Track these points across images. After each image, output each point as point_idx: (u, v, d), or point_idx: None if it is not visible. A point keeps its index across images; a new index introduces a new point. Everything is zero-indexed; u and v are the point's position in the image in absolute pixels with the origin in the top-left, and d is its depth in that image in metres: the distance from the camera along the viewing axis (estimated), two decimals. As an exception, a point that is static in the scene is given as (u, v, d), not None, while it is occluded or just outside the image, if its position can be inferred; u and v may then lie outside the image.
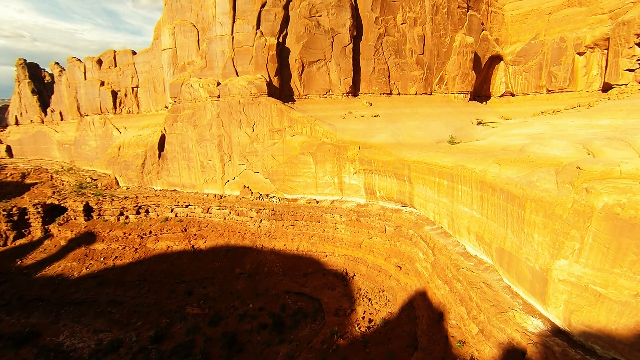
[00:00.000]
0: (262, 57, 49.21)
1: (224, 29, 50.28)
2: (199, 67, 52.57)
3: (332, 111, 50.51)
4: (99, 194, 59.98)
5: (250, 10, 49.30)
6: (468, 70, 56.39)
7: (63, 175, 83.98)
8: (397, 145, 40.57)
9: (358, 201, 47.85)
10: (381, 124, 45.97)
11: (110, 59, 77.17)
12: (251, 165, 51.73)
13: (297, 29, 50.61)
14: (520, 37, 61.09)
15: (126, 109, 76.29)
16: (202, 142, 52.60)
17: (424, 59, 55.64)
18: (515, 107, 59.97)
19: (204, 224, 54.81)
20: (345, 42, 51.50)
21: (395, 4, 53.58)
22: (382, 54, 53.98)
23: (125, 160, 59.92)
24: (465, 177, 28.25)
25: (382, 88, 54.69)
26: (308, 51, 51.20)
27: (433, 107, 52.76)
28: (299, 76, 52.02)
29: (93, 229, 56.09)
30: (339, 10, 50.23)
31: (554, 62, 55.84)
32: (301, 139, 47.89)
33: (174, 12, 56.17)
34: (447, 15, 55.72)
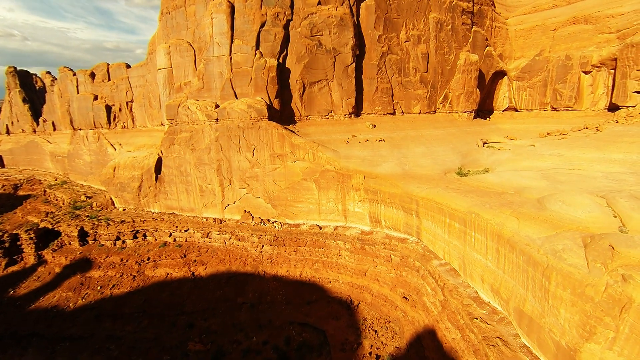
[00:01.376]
0: (261, 79, 47.39)
1: (222, 50, 48.29)
2: (196, 88, 50.60)
3: (335, 134, 48.96)
4: (94, 217, 58.08)
5: (249, 30, 47.34)
6: (472, 88, 55.02)
7: (57, 191, 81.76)
8: (403, 176, 39.22)
9: (362, 228, 46.59)
10: (386, 150, 44.56)
11: (103, 72, 74.69)
12: (252, 190, 50.16)
13: (298, 49, 48.78)
14: (524, 53, 59.75)
15: (121, 124, 74.07)
16: (201, 166, 50.86)
17: (428, 77, 54.14)
18: (519, 124, 58.85)
19: (203, 249, 53.27)
20: (348, 62, 49.80)
21: (398, 22, 51.89)
22: (385, 72, 52.38)
23: (121, 182, 57.99)
24: (480, 225, 27.02)
25: (386, 108, 53.18)
26: (309, 71, 49.44)
27: (437, 128, 51.39)
28: (300, 97, 50.31)
29: (89, 254, 54.30)
30: (341, 29, 48.46)
31: (560, 79, 54.65)
32: (303, 165, 46.36)
33: (169, 29, 54.00)
34: (451, 32, 54.15)
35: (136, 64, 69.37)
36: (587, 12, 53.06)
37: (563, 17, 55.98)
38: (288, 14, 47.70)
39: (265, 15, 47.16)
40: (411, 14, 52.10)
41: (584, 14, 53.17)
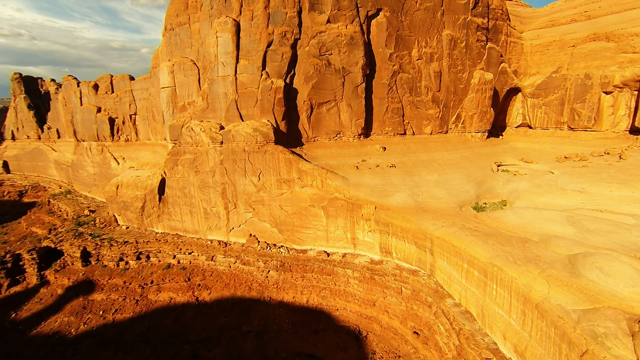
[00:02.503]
0: (268, 101, 45.28)
1: (227, 70, 46.17)
2: (200, 108, 48.61)
3: (344, 158, 46.84)
4: (97, 236, 56.63)
5: (255, 50, 45.14)
6: (487, 108, 52.49)
7: (61, 202, 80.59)
8: (417, 210, 37.09)
9: (372, 257, 44.60)
10: (397, 177, 42.39)
11: (107, 84, 72.93)
12: (257, 214, 48.28)
13: (306, 69, 46.54)
14: (540, 69, 56.97)
15: (124, 137, 72.37)
16: (205, 189, 49.02)
17: (440, 97, 51.69)
18: (534, 143, 56.25)
19: (208, 272, 51.60)
20: (358, 82, 47.51)
21: (410, 39, 49.39)
22: (396, 92, 50.01)
23: (124, 201, 56.39)
24: (503, 280, 24.92)
25: (396, 128, 50.90)
26: (317, 92, 47.23)
27: (450, 151, 49.04)
28: (308, 118, 48.17)
29: (91, 276, 52.90)
30: (351, 48, 46.10)
31: (578, 98, 51.94)
32: (311, 191, 44.36)
33: (173, 46, 51.92)
34: (465, 49, 51.55)
35: (140, 77, 67.48)
36: (608, 29, 50.18)
37: (582, 33, 53.10)
38: (296, 33, 45.42)
39: (272, 34, 44.92)
40: (424, 31, 49.57)
41: (605, 31, 50.29)
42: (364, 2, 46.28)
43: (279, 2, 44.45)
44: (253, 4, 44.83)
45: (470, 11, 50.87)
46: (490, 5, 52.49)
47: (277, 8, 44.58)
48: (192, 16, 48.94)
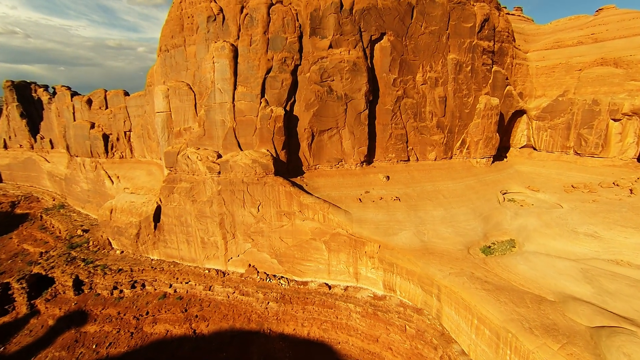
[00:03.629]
0: (267, 130, 43.20)
1: (224, 97, 43.96)
2: (196, 135, 46.40)
3: (346, 189, 44.95)
4: (90, 262, 54.44)
5: (253, 76, 42.94)
6: (492, 133, 50.77)
7: (54, 217, 78.13)
8: (423, 252, 35.38)
9: (375, 291, 42.91)
10: (402, 212, 40.61)
11: (100, 99, 70.25)
12: (256, 245, 46.38)
13: (307, 96, 44.46)
14: (546, 92, 55.26)
15: (119, 154, 69.89)
16: (202, 219, 46.98)
17: (445, 122, 49.84)
18: (539, 166, 54.65)
19: (205, 302, 49.65)
20: (360, 109, 45.53)
21: (415, 63, 47.39)
22: (400, 118, 48.10)
23: (118, 226, 54.17)
24: (518, 349, 23.30)
25: (400, 155, 49.02)
26: (319, 119, 45.21)
27: (455, 179, 47.30)
28: (309, 146, 46.17)
29: (84, 305, 50.73)
30: (353, 74, 44.05)
31: (585, 124, 50.38)
32: (313, 225, 42.49)
33: (168, 68, 49.51)
34: (470, 73, 49.66)
35: (134, 94, 64.96)
36: (616, 54, 48.49)
37: (590, 56, 51.38)
38: (296, 59, 43.26)
39: (272, 60, 42.73)
40: (429, 55, 47.59)
41: (613, 56, 48.61)
42: (368, 26, 44.18)
43: (278, 27, 42.23)
44: (251, 28, 42.58)
45: (476, 35, 48.93)
46: (497, 27, 50.58)
47: (277, 33, 42.36)
48: (188, 38, 46.56)
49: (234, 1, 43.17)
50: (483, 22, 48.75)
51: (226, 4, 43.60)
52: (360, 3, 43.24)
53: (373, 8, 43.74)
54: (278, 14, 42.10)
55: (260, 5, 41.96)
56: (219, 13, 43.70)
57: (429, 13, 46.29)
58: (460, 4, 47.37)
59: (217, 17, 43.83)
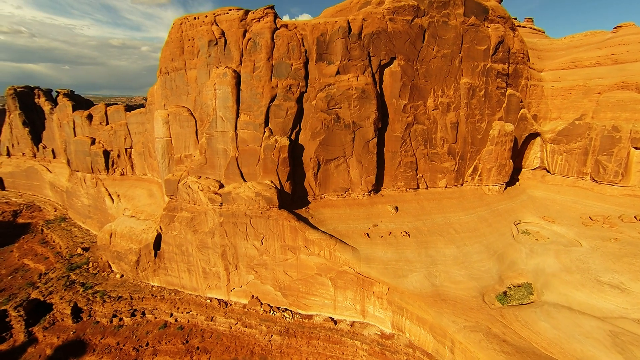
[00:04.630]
0: (271, 161, 40.90)
1: (226, 125, 41.65)
2: (198, 163, 44.20)
3: (353, 221, 42.65)
4: (89, 287, 52.71)
5: (257, 105, 40.56)
6: (506, 160, 48.19)
7: (54, 232, 76.64)
8: (434, 298, 33.12)
9: (382, 329, 40.77)
10: (412, 250, 38.31)
11: (101, 114, 68.17)
12: (260, 277, 44.33)
13: (313, 124, 42.05)
14: (562, 114, 52.46)
15: (119, 170, 67.92)
16: (204, 249, 44.94)
17: (457, 148, 47.31)
18: (553, 192, 52.00)
19: (207, 332, 47.76)
20: (369, 137, 43.08)
21: (426, 88, 44.79)
22: (409, 145, 45.62)
23: (118, 251, 52.32)
24: None
25: (409, 183, 46.62)
26: (325, 148, 42.84)
27: (467, 210, 44.86)
28: (314, 176, 43.85)
29: (82, 334, 48.98)
30: (362, 102, 41.55)
31: (604, 150, 47.65)
32: (318, 260, 40.34)
33: (168, 90, 47.20)
34: (484, 98, 46.97)
35: (135, 111, 62.83)
36: (638, 78, 45.59)
37: (609, 79, 48.48)
38: (302, 86, 40.80)
39: (276, 87, 40.30)
40: (440, 79, 44.95)
41: (635, 80, 45.73)
42: (377, 50, 41.57)
43: (283, 53, 39.73)
44: (255, 54, 40.11)
45: (490, 57, 46.17)
46: (511, 49, 47.75)
47: (282, 59, 39.87)
48: (189, 62, 44.17)
49: (236, 25, 40.70)
50: (498, 45, 45.97)
51: (228, 27, 41.12)
52: (370, 27, 40.62)
53: (383, 32, 41.09)
54: (283, 39, 39.59)
55: (264, 30, 39.46)
56: (220, 37, 41.25)
57: (442, 36, 43.58)
58: (474, 26, 44.58)
59: (219, 41, 41.39)
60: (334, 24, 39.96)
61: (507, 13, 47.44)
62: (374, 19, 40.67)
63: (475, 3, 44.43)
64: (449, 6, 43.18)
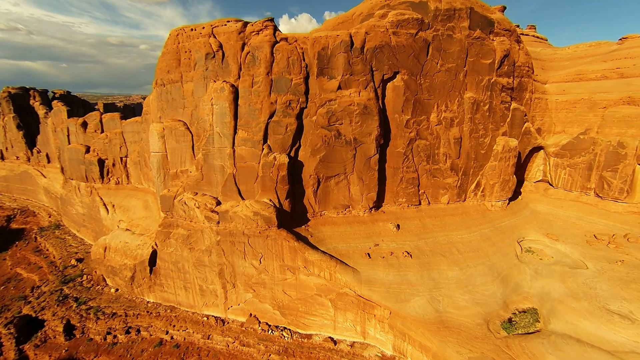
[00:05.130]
0: (270, 179, 39.53)
1: (223, 141, 40.19)
2: (194, 179, 42.76)
3: (354, 240, 41.40)
4: (82, 302, 51.21)
5: (255, 121, 39.11)
6: (509, 176, 47.06)
7: (48, 240, 75.06)
8: (438, 325, 31.98)
9: (383, 351, 39.55)
10: (414, 272, 37.13)
11: (96, 122, 66.39)
12: (258, 296, 43.06)
13: (313, 141, 40.67)
14: (566, 127, 51.35)
15: (114, 179, 66.27)
16: (201, 267, 43.59)
17: (460, 164, 46.10)
18: (556, 207, 50.95)
19: (204, 351, 46.36)
20: (370, 153, 41.77)
21: (429, 103, 43.49)
22: (412, 160, 44.37)
23: (112, 266, 50.85)
24: None
25: (410, 199, 45.41)
26: (326, 165, 41.50)
27: (469, 228, 43.71)
28: (314, 193, 42.52)
29: (75, 352, 47.48)
30: (364, 118, 40.20)
31: (609, 166, 46.62)
32: (318, 281, 39.10)
33: (164, 103, 45.64)
34: (488, 112, 45.75)
35: (130, 119, 61.12)
36: (646, 93, 44.54)
37: (615, 94, 47.36)
38: (302, 102, 39.38)
39: (275, 103, 38.86)
40: (444, 93, 43.65)
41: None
42: (380, 65, 40.18)
43: (283, 68, 38.26)
44: (253, 68, 38.62)
45: (495, 71, 44.89)
46: (517, 62, 46.47)
47: (281, 74, 38.40)
48: (185, 75, 42.61)
49: (234, 37, 39.16)
50: (503, 58, 44.69)
51: (226, 40, 39.59)
52: (373, 41, 39.20)
53: (386, 46, 39.69)
54: (282, 54, 38.11)
55: (263, 43, 37.95)
56: (218, 50, 39.71)
57: (446, 50, 42.24)
58: (479, 39, 43.26)
59: (217, 54, 39.85)
60: (335, 37, 38.51)
61: (513, 25, 46.14)
62: (377, 32, 39.26)
63: (480, 16, 43.10)
64: (454, 19, 41.81)
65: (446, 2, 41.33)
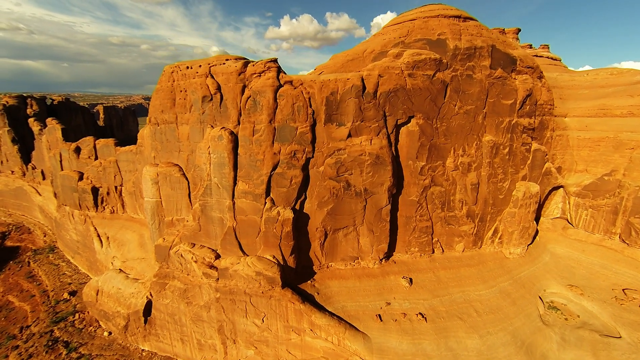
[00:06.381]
0: (273, 235, 35.90)
1: (222, 193, 36.48)
2: (191, 229, 39.14)
3: (363, 297, 37.88)
4: (73, 349, 47.85)
5: (257, 173, 35.34)
6: (529, 223, 43.46)
7: (42, 267, 71.91)
8: (461, 414, 28.60)
9: (395, 420, 36.37)
10: (430, 341, 33.68)
11: (89, 147, 62.64)
12: (260, 353, 39.66)
13: (320, 193, 36.95)
14: (588, 167, 47.56)
15: (109, 208, 62.65)
16: (199, 322, 40.18)
17: (476, 210, 42.46)
18: (577, 250, 47.18)
19: (201, 406, 43.38)
20: (382, 204, 38.10)
21: (446, 147, 39.69)
22: (425, 209, 40.72)
23: (105, 311, 47.46)
24: None
25: (423, 248, 41.87)
26: (333, 218, 37.86)
27: (487, 282, 40.20)
28: (321, 245, 38.95)
29: (67, 406, 44.49)
30: (376, 168, 36.45)
31: (637, 212, 42.90)
32: (325, 345, 35.68)
33: (158, 143, 41.84)
34: (508, 156, 41.97)
35: (125, 148, 57.28)
36: (680, 136, 40.72)
37: (646, 133, 43.53)
38: (308, 151, 35.59)
39: (279, 153, 35.09)
40: (462, 137, 39.84)
41: (676, 139, 40.82)
42: (394, 109, 36.34)
43: (287, 115, 34.41)
44: (254, 114, 34.76)
45: (516, 112, 41.04)
46: (538, 101, 42.58)
47: (285, 122, 34.57)
48: (180, 116, 38.78)
49: (234, 79, 35.25)
50: (525, 98, 40.83)
51: (225, 81, 35.69)
52: (386, 84, 35.31)
53: (401, 89, 35.80)
54: (287, 99, 34.23)
55: (266, 88, 34.05)
56: (216, 92, 35.83)
57: (465, 91, 38.33)
58: (501, 78, 39.32)
59: (214, 96, 35.98)
60: (345, 81, 34.62)
61: (535, 62, 42.15)
62: (392, 75, 35.34)
63: (502, 54, 39.12)
64: (474, 58, 37.85)
65: (466, 40, 37.34)
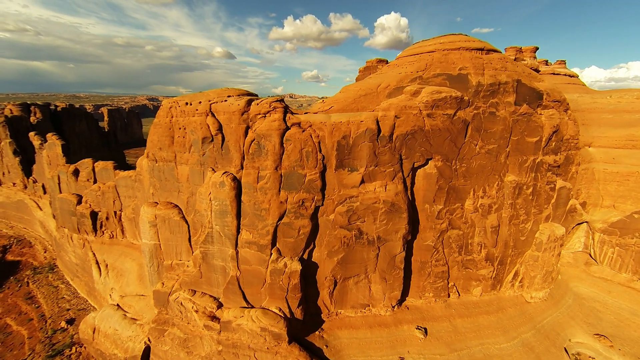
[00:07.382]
0: (279, 287, 33.02)
1: (225, 242, 33.58)
2: (192, 276, 36.37)
3: (375, 350, 34.97)
4: (72, 388, 45.67)
5: (262, 223, 32.34)
6: (553, 267, 40.27)
7: (41, 289, 69.77)
8: None
9: None
10: (450, 408, 30.84)
11: (88, 170, 60.03)
12: (264, 407, 37.03)
13: (330, 242, 33.94)
14: (616, 202, 44.19)
15: (109, 233, 60.15)
16: (199, 373, 37.56)
17: (496, 253, 39.33)
18: (603, 291, 43.98)
19: None
20: (396, 252, 35.07)
21: (465, 189, 36.45)
22: (442, 253, 37.65)
23: (102, 351, 45.04)
24: None
25: (438, 293, 38.87)
26: (344, 267, 34.90)
27: (507, 333, 37.18)
28: (330, 294, 36.04)
29: None
30: (390, 215, 33.35)
31: (668, 256, 39.62)
32: (334, 407, 32.99)
33: (156, 180, 38.97)
34: (531, 196, 38.66)
35: (124, 173, 54.54)
36: None
37: (680, 171, 40.03)
38: (317, 200, 32.52)
39: (285, 202, 32.06)
40: (482, 178, 36.59)
41: None
42: (410, 152, 33.14)
43: (295, 161, 31.31)
44: (259, 160, 31.70)
45: (541, 150, 37.67)
46: (565, 136, 39.11)
47: (293, 169, 31.49)
48: (179, 155, 35.82)
49: (236, 119, 32.17)
50: (551, 135, 37.41)
51: (226, 121, 32.61)
52: (403, 126, 32.09)
53: (419, 131, 32.57)
54: (295, 144, 31.11)
55: (271, 131, 30.93)
56: (217, 133, 32.78)
57: (487, 129, 34.99)
58: (526, 115, 35.91)
59: (215, 138, 32.95)
60: (359, 124, 31.41)
61: (563, 95, 38.63)
62: (409, 115, 32.09)
63: (528, 88, 35.67)
64: (498, 94, 34.45)
65: (490, 75, 33.92)
